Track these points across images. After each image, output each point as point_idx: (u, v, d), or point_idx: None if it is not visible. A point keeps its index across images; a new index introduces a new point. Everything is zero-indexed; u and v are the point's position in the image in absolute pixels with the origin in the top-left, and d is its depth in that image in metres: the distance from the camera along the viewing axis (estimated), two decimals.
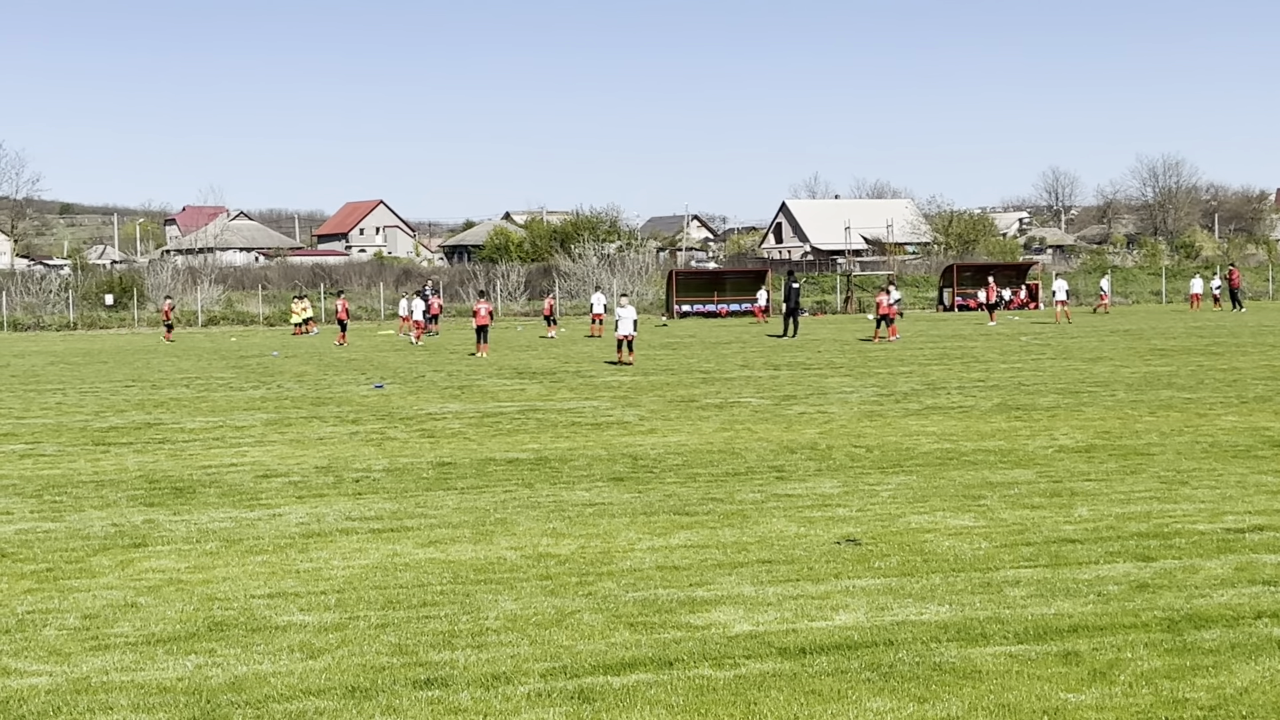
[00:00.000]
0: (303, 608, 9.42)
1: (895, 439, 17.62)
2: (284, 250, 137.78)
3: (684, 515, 12.60)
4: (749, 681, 7.57)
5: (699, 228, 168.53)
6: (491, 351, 39.23)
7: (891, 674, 7.65)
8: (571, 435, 18.71)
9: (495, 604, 9.42)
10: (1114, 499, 12.98)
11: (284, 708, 7.28)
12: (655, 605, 9.29)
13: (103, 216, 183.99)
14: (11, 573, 10.69)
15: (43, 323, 66.44)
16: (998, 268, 74.21)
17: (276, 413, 22.61)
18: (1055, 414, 20.00)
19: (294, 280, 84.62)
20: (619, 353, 32.38)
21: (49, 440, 19.28)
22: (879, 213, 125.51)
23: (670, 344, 42.21)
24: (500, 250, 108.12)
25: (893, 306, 43.38)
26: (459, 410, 22.45)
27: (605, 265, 76.89)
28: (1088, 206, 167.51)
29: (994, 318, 52.90)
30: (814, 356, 34.40)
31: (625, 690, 7.45)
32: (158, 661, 8.18)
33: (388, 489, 14.47)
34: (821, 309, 69.29)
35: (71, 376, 32.36)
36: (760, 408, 21.89)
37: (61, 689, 7.66)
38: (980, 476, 14.49)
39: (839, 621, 8.77)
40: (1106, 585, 9.59)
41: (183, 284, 73.86)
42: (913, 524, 11.97)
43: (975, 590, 9.54)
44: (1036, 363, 30.27)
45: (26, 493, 14.62)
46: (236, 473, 15.81)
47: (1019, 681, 7.47)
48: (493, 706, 7.25)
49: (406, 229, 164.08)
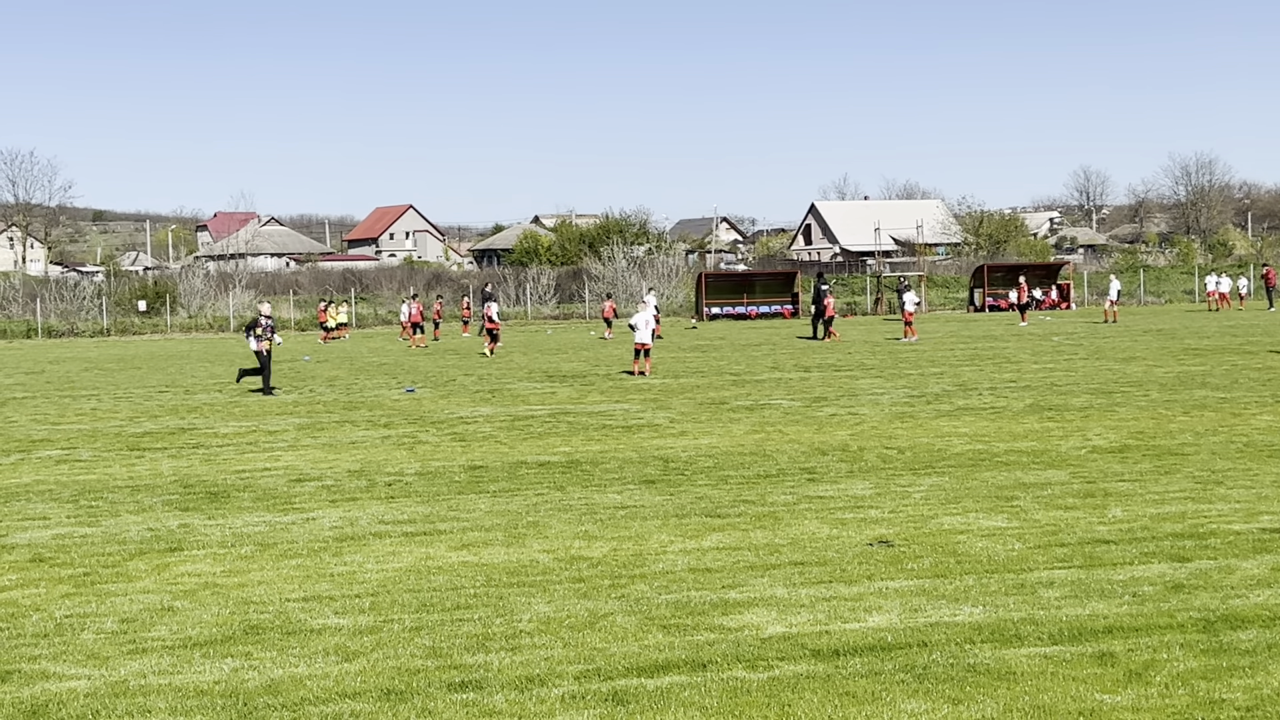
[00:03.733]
0: (337, 611, 9.47)
1: (927, 440, 17.57)
2: (314, 255, 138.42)
3: (716, 517, 12.60)
4: (783, 683, 7.57)
5: (728, 230, 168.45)
6: (521, 355, 39.31)
7: (926, 675, 7.63)
8: (603, 438, 18.73)
9: (528, 607, 9.45)
10: (1148, 499, 12.91)
11: (320, 710, 7.32)
12: (688, 607, 9.30)
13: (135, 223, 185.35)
14: (50, 577, 10.79)
15: (77, 329, 66.94)
16: (1029, 268, 73.88)
17: (309, 417, 22.72)
18: (1088, 414, 19.91)
19: (325, 285, 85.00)
20: (635, 362, 30.30)
21: (85, 445, 19.43)
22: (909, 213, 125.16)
23: (700, 346, 42.20)
24: (530, 254, 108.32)
25: (913, 310, 43.76)
26: (490, 414, 22.51)
27: (635, 268, 76.94)
28: (1119, 206, 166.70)
29: (1025, 318, 52.66)
30: (844, 358, 34.32)
31: (659, 692, 7.46)
32: (194, 665, 8.23)
33: (420, 492, 14.52)
34: (851, 310, 69.13)
35: (106, 382, 32.60)
36: (791, 409, 21.86)
37: (100, 692, 7.72)
38: (1013, 477, 14.44)
39: (872, 623, 8.76)
40: (1141, 586, 9.55)
41: (214, 290, 74.30)
42: (945, 525, 11.94)
43: (1009, 591, 9.50)
44: (1069, 363, 30.12)
45: (63, 498, 14.74)
46: (270, 477, 15.90)
47: (1054, 683, 7.44)
48: (527, 709, 7.27)
49: (436, 233, 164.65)
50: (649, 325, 30.40)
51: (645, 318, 30.66)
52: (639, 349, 30.21)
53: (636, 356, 30.26)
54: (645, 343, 30.13)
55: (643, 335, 30.13)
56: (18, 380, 34.13)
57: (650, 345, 30.49)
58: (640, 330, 30.24)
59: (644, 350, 30.15)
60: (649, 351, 30.43)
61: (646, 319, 30.58)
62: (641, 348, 30.16)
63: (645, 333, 30.15)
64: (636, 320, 30.79)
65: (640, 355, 30.16)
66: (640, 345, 30.17)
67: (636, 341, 30.34)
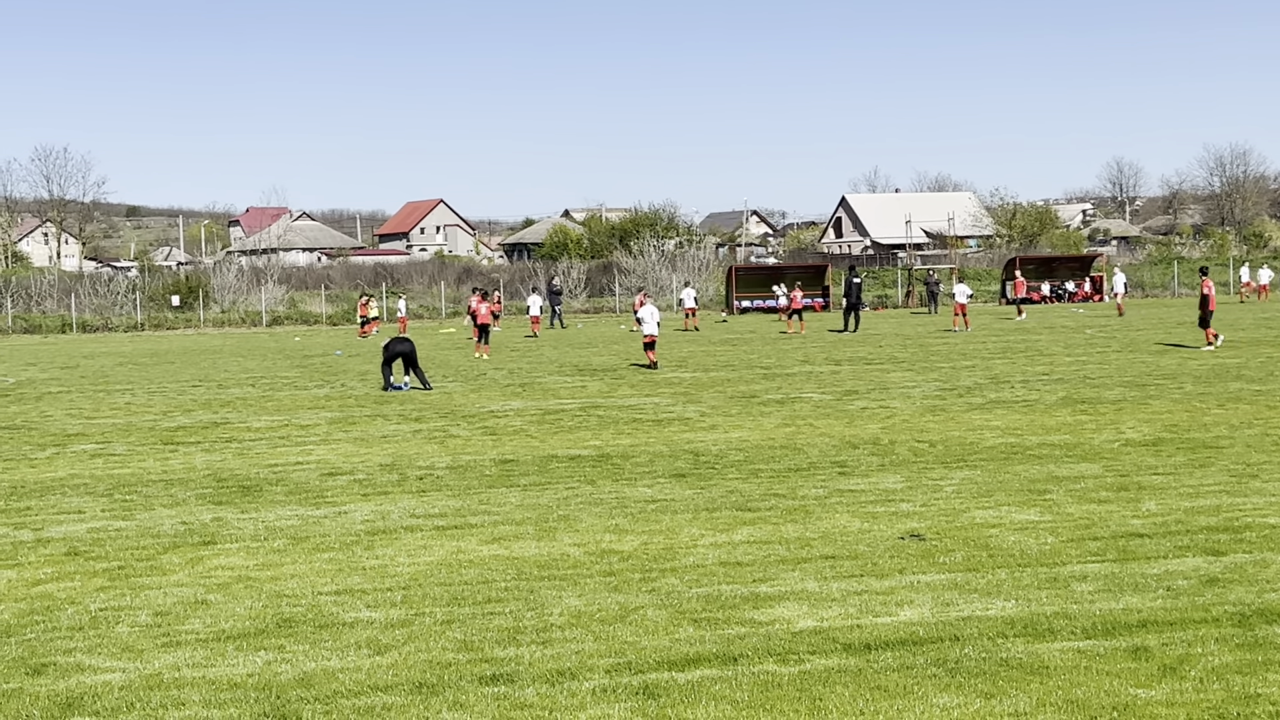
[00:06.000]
0: (369, 604, 9.51)
1: (959, 433, 17.50)
2: (346, 250, 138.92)
3: (746, 511, 12.59)
4: (814, 677, 7.55)
5: (758, 223, 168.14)
6: (551, 349, 39.37)
7: (958, 669, 7.60)
8: (633, 432, 18.74)
9: (559, 600, 9.46)
10: (1182, 493, 12.82)
11: (352, 703, 7.35)
12: (719, 601, 9.30)
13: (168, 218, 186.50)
14: (85, 571, 10.87)
15: (111, 324, 67.41)
16: (1061, 260, 73.51)
17: (340, 411, 22.81)
18: (1121, 407, 19.78)
19: (356, 280, 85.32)
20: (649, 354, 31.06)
21: (119, 440, 19.56)
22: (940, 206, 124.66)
23: (730, 340, 42.15)
24: (560, 248, 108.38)
25: (965, 301, 43.66)
26: (520, 408, 22.55)
27: (665, 262, 76.90)
28: (1153, 197, 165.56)
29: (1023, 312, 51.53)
30: (875, 351, 34.21)
31: (690, 686, 7.46)
32: (228, 658, 8.28)
33: (451, 486, 14.56)
34: (882, 303, 68.92)
35: (140, 377, 32.81)
36: (822, 403, 21.81)
37: (135, 685, 7.77)
38: (1046, 471, 14.37)
39: (904, 617, 8.73)
40: (1176, 580, 9.49)
41: (247, 284, 74.67)
42: (977, 519, 11.89)
43: (1042, 585, 9.46)
44: (1102, 355, 29.95)
45: (98, 492, 14.85)
46: (302, 471, 15.97)
47: (1087, 677, 7.40)
48: (558, 702, 7.28)
49: (466, 227, 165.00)
50: (654, 318, 31.44)
51: (651, 311, 31.69)
52: (647, 341, 31.29)
53: (647, 349, 31.26)
54: (652, 334, 31.25)
55: (649, 328, 31.28)
56: (53, 375, 34.40)
57: (656, 337, 31.51)
58: (646, 323, 31.44)
59: (652, 342, 31.28)
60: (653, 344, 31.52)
61: (652, 312, 31.64)
62: (649, 340, 31.23)
63: (651, 325, 31.29)
64: (643, 314, 32.05)
65: (649, 347, 31.28)
66: (648, 337, 31.24)
67: (645, 334, 31.42)
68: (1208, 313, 31.20)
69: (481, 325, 36.80)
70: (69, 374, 34.70)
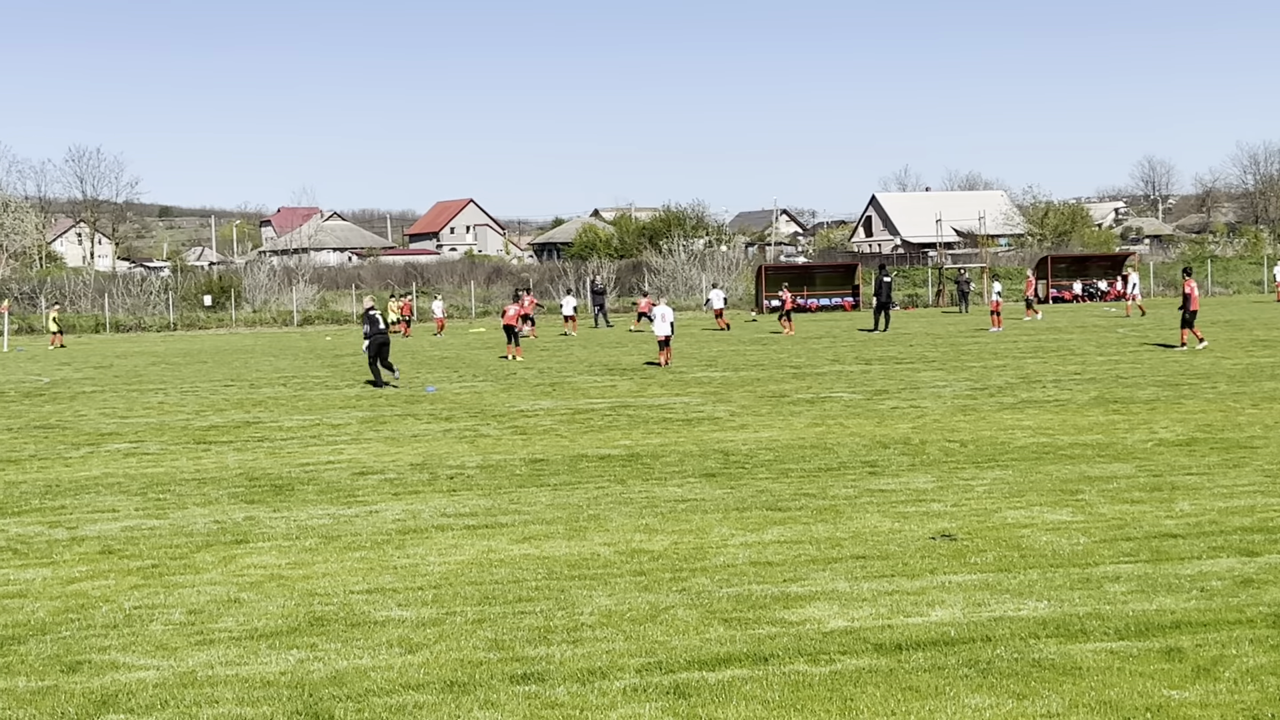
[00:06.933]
0: (400, 603, 9.54)
1: (990, 433, 17.43)
2: (376, 250, 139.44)
3: (777, 511, 12.57)
4: (845, 677, 7.53)
5: (788, 222, 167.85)
6: (581, 348, 39.40)
7: (990, 670, 7.57)
8: (663, 431, 18.74)
9: (590, 600, 9.47)
10: (1216, 493, 12.73)
11: (384, 701, 7.38)
12: (749, 601, 9.29)
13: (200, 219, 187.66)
14: (119, 569, 10.95)
15: (144, 324, 67.83)
16: (1093, 259, 73.11)
17: (371, 411, 22.90)
18: (1154, 407, 19.66)
19: (386, 280, 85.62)
20: (661, 354, 31.62)
21: (152, 439, 19.69)
22: (971, 204, 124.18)
23: (760, 339, 42.09)
24: (589, 247, 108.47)
25: (999, 300, 43.61)
26: (550, 407, 22.58)
27: (694, 261, 76.84)
28: (1186, 195, 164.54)
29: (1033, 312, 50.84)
30: (906, 351, 34.10)
31: (721, 685, 7.46)
32: (261, 656, 8.32)
33: (482, 486, 14.59)
34: (913, 303, 68.69)
35: (172, 376, 33.01)
36: (852, 402, 21.76)
37: (168, 682, 7.82)
38: (1078, 470, 14.29)
39: (935, 617, 8.70)
40: (1210, 581, 9.42)
41: (278, 284, 75.01)
42: (1009, 519, 11.84)
43: (1074, 586, 9.41)
44: (1134, 355, 29.77)
45: (132, 490, 14.95)
46: (334, 470, 16.04)
47: (1120, 678, 7.36)
48: (589, 701, 7.29)
49: (496, 227, 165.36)
50: (665, 319, 31.84)
51: (662, 311, 32.14)
52: (660, 340, 31.83)
53: (661, 348, 31.79)
54: (662, 334, 31.73)
55: (660, 328, 31.81)
56: (87, 375, 34.65)
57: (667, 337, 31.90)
58: (657, 323, 31.99)
59: (664, 341, 31.74)
60: (668, 342, 31.95)
61: (665, 313, 32.08)
62: (661, 339, 31.75)
63: (663, 325, 31.76)
64: (655, 314, 32.55)
65: (661, 346, 31.80)
66: (660, 337, 31.80)
67: (657, 335, 31.98)
68: (1190, 313, 31.03)
69: (507, 327, 36.64)
70: (103, 374, 34.94)
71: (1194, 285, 31.52)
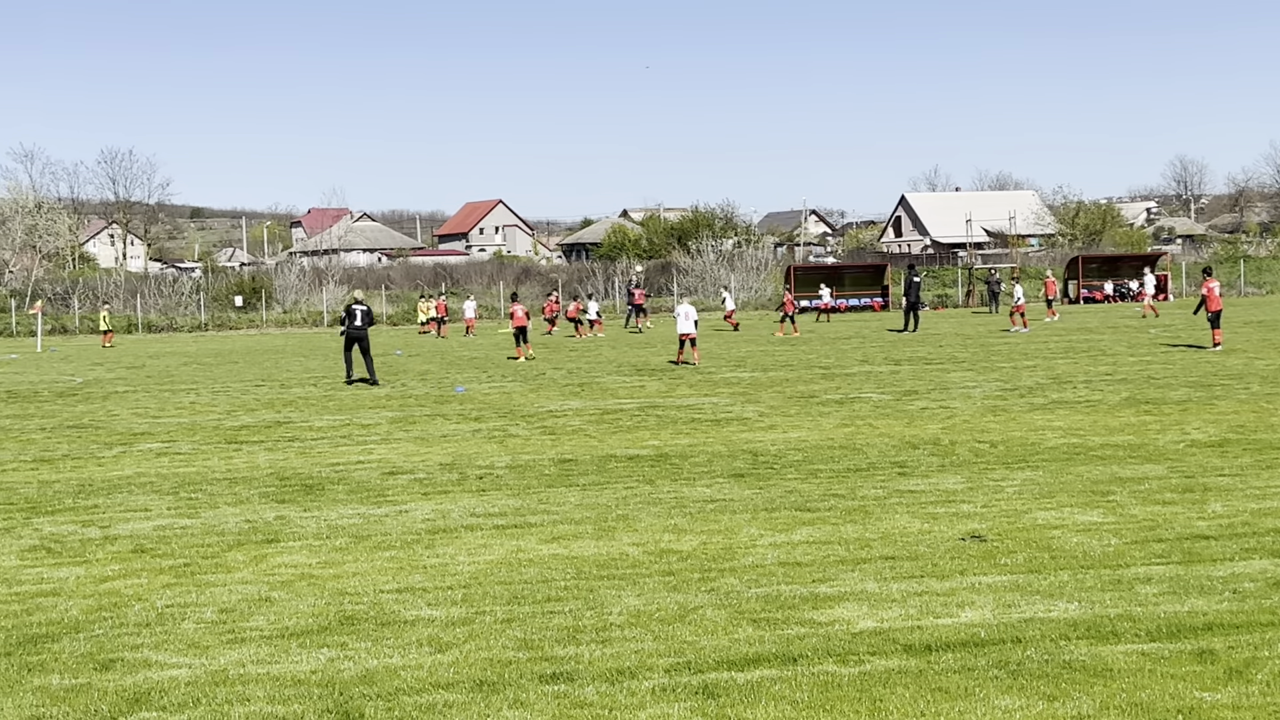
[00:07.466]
0: (430, 603, 9.57)
1: (1020, 434, 17.35)
2: (406, 250, 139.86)
3: (805, 511, 12.55)
4: (874, 678, 7.52)
5: (817, 222, 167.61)
6: (610, 349, 39.43)
7: (1020, 672, 7.54)
8: (691, 431, 18.73)
9: (619, 599, 9.48)
10: (1249, 494, 12.65)
11: (414, 700, 7.40)
12: (778, 601, 9.28)
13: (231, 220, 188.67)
14: (151, 568, 11.02)
15: (175, 324, 68.25)
16: (1125, 259, 72.70)
17: (401, 411, 22.98)
18: (1186, 408, 19.54)
19: (416, 280, 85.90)
20: (680, 352, 31.81)
21: (184, 439, 19.81)
22: (1001, 204, 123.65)
23: (789, 339, 42.03)
24: (618, 248, 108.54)
25: (1022, 302, 43.41)
26: (579, 407, 22.60)
27: (723, 261, 76.79)
28: (1218, 195, 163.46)
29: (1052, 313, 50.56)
30: (935, 351, 34.00)
31: (749, 686, 7.45)
32: (292, 654, 8.36)
33: (511, 485, 14.63)
34: (943, 303, 68.45)
35: (204, 376, 33.21)
36: (881, 403, 21.70)
37: (200, 681, 7.87)
38: (1109, 472, 14.22)
39: (965, 618, 8.67)
40: (1242, 582, 9.36)
41: (308, 285, 75.35)
42: (1039, 520, 11.79)
43: (1105, 587, 9.36)
44: (1166, 355, 29.59)
45: (164, 490, 15.05)
46: (364, 470, 16.10)
47: (1152, 680, 7.32)
48: (618, 701, 7.30)
49: (525, 228, 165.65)
50: (688, 317, 31.86)
51: (685, 310, 32.18)
52: (682, 339, 31.78)
53: (681, 346, 31.81)
54: (686, 333, 31.69)
55: (683, 326, 31.77)
56: (119, 375, 34.89)
57: (694, 334, 31.93)
58: (680, 321, 31.97)
59: (687, 340, 31.70)
60: (695, 341, 31.94)
61: (686, 311, 32.10)
62: (684, 337, 31.71)
63: (686, 324, 31.74)
64: (677, 311, 32.64)
65: (685, 345, 31.76)
66: (682, 335, 31.75)
67: (680, 332, 31.89)
68: (1212, 313, 30.81)
69: (519, 328, 36.53)
70: (135, 374, 35.17)
71: (1213, 285, 31.29)
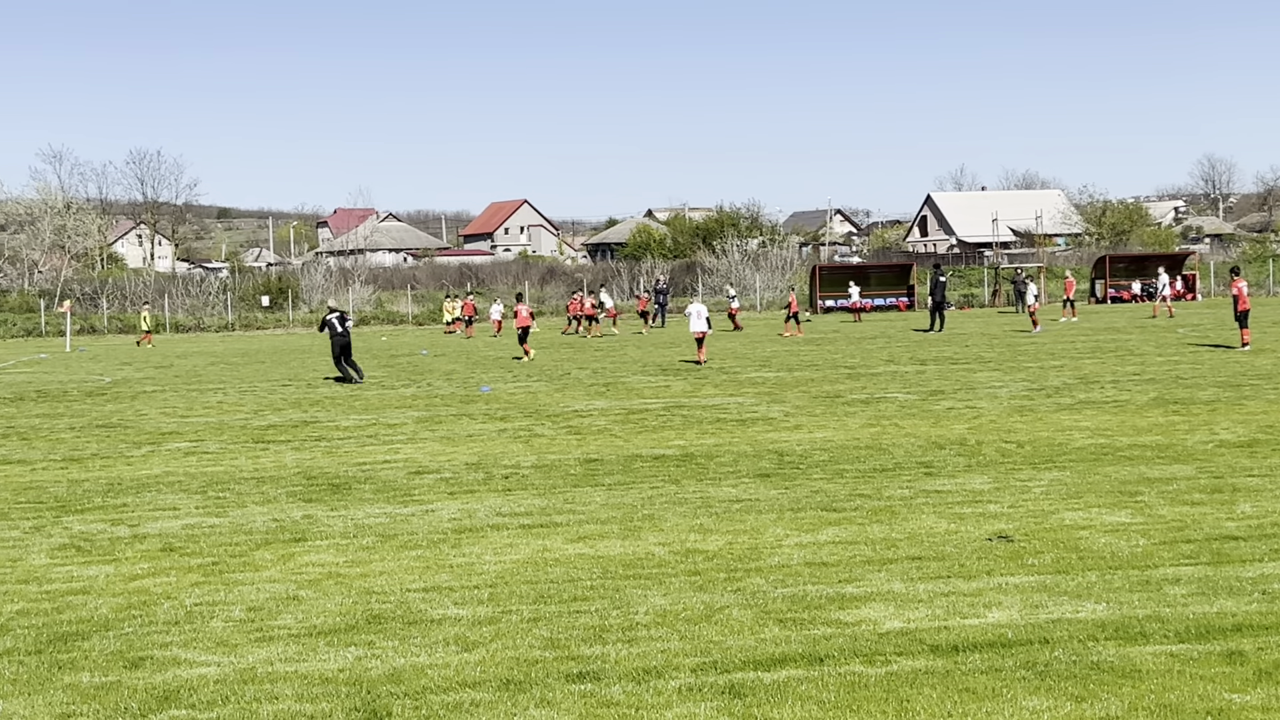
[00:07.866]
0: (457, 602, 9.60)
1: (1047, 434, 17.28)
2: (431, 250, 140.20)
3: (832, 511, 12.53)
4: (901, 679, 7.51)
5: (842, 222, 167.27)
6: (635, 349, 39.45)
7: (1047, 672, 7.52)
8: (717, 431, 18.73)
9: (645, 599, 9.49)
10: (1278, 495, 12.57)
11: (441, 699, 7.43)
12: (804, 601, 9.27)
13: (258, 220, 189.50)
14: (180, 566, 11.09)
15: (203, 324, 68.58)
16: (1152, 258, 72.29)
17: (427, 410, 23.03)
18: (1215, 408, 19.42)
19: (441, 280, 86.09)
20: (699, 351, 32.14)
21: (211, 438, 19.91)
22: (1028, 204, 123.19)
23: (814, 339, 41.96)
24: (643, 248, 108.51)
25: (1034, 303, 43.25)
26: (605, 407, 22.62)
27: (748, 261, 76.71)
28: (1247, 194, 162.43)
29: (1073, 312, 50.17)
30: (961, 351, 33.89)
31: (776, 686, 7.45)
32: (319, 653, 8.40)
33: (536, 485, 14.65)
34: (969, 303, 68.22)
35: (231, 376, 33.36)
36: (907, 403, 21.65)
37: (229, 679, 7.92)
38: (1137, 472, 14.15)
39: (992, 619, 8.65)
40: (1271, 584, 9.30)
41: (334, 285, 75.59)
42: (1067, 520, 11.75)
43: (1133, 588, 9.32)
44: (1194, 355, 29.42)
45: (192, 489, 15.13)
46: (390, 469, 16.15)
47: (1180, 681, 7.29)
48: (644, 700, 7.31)
49: (550, 228, 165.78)
50: (701, 316, 32.08)
51: (698, 309, 32.40)
52: (697, 337, 32.03)
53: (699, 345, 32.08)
54: (699, 331, 31.93)
55: (696, 325, 32.02)
56: (147, 375, 35.08)
57: (708, 333, 32.27)
58: (693, 320, 32.22)
59: (700, 339, 31.98)
60: (703, 340, 32.16)
61: (700, 310, 32.33)
62: (697, 336, 31.96)
63: (699, 322, 31.98)
64: (689, 311, 32.97)
65: (700, 344, 32.03)
66: (696, 334, 32.01)
67: (694, 331, 32.14)
68: (1240, 312, 30.65)
69: (522, 328, 36.53)
70: (163, 374, 35.36)
71: (1242, 285, 31.12)
